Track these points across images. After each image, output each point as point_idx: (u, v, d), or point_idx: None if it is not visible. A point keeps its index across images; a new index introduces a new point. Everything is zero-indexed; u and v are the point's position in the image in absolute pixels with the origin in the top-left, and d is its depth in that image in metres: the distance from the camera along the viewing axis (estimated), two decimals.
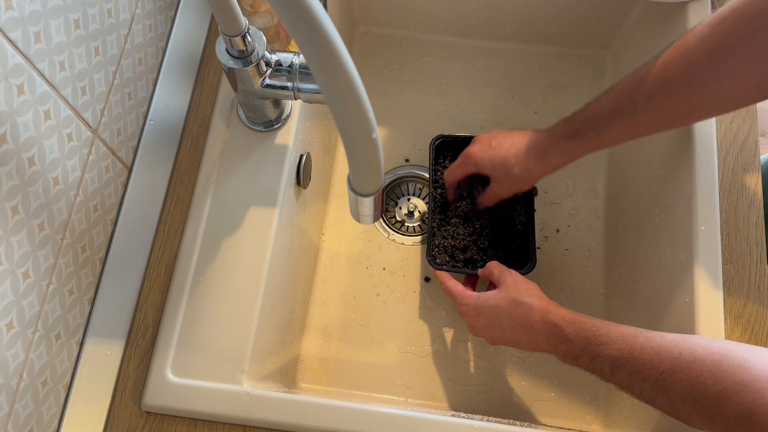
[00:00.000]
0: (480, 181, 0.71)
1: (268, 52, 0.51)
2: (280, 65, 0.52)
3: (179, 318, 0.55)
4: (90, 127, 0.52)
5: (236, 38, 0.47)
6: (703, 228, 0.58)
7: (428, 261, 0.70)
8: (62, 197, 0.49)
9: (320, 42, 0.28)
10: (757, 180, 0.62)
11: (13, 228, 0.43)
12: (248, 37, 0.47)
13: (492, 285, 0.64)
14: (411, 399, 0.72)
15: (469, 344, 0.74)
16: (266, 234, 0.57)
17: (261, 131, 0.60)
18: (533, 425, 0.59)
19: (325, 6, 0.66)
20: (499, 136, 0.65)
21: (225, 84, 0.63)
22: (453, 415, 0.55)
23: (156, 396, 0.53)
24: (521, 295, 0.57)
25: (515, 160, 0.62)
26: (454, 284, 0.65)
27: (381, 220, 0.81)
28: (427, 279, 0.77)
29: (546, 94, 0.86)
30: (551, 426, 0.69)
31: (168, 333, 0.54)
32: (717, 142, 0.62)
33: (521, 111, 0.85)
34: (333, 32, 0.28)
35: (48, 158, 0.46)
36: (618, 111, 0.54)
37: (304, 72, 0.51)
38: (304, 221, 0.69)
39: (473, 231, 0.72)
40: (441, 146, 0.75)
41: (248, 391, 0.52)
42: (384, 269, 0.78)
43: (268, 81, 0.52)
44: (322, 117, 0.75)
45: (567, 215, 0.80)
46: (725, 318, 0.56)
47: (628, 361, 0.47)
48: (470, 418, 0.53)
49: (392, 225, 0.81)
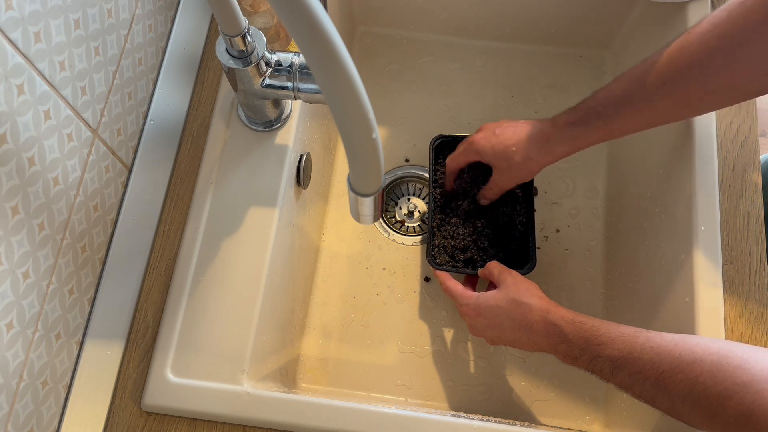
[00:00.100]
0: (482, 177, 0.71)
1: (268, 52, 0.51)
2: (280, 65, 0.52)
3: (179, 318, 0.55)
4: (90, 127, 0.52)
5: (236, 38, 0.47)
6: (703, 228, 0.58)
7: (428, 261, 0.70)
8: (62, 197, 0.49)
9: (320, 42, 0.28)
10: (757, 180, 0.62)
11: (13, 228, 0.43)
12: (248, 37, 0.47)
13: (492, 285, 0.64)
14: (411, 399, 0.72)
15: (469, 344, 0.74)
16: (266, 234, 0.57)
17: (261, 131, 0.60)
18: (533, 425, 0.59)
19: (325, 6, 0.66)
20: (504, 124, 0.64)
21: (225, 84, 0.63)
22: (453, 415, 0.55)
23: (156, 396, 0.53)
24: (521, 295, 0.57)
25: (516, 148, 0.61)
26: (454, 284, 0.65)
27: (381, 220, 0.81)
28: (427, 279, 0.77)
29: (546, 94, 0.86)
30: (551, 426, 0.69)
31: (168, 333, 0.54)
32: (717, 142, 0.62)
33: (521, 111, 0.85)
34: (333, 32, 0.28)
35: (48, 158, 0.46)
36: (628, 97, 0.53)
37: (304, 72, 0.51)
38: (304, 221, 0.69)
39: (473, 231, 0.72)
40: (441, 146, 0.75)
41: (248, 391, 0.52)
42: (384, 269, 0.78)
43: (268, 81, 0.52)
44: (322, 117, 0.75)
45: (567, 215, 0.80)
46: (725, 318, 0.56)
47: (628, 361, 0.47)
48: (470, 418, 0.53)
49: (392, 225, 0.81)
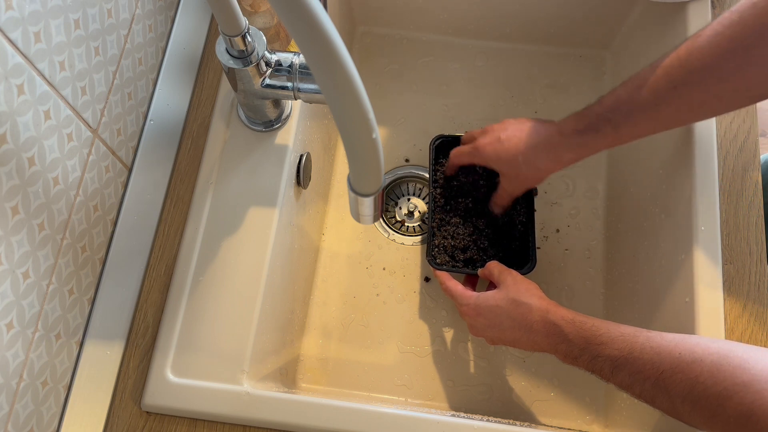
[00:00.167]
0: (482, 179, 0.71)
1: (268, 52, 0.51)
2: (280, 65, 0.52)
3: (179, 318, 0.55)
4: (90, 127, 0.52)
5: (236, 38, 0.47)
6: (703, 228, 0.58)
7: (428, 261, 0.70)
8: (62, 197, 0.49)
9: (320, 42, 0.28)
10: (757, 180, 0.62)
11: (13, 228, 0.43)
12: (248, 37, 0.47)
13: (492, 285, 0.64)
14: (411, 399, 0.72)
15: (469, 344, 0.74)
16: (266, 234, 0.57)
17: (261, 131, 0.60)
18: (533, 425, 0.59)
19: (325, 6, 0.66)
20: (510, 129, 0.63)
21: (225, 84, 0.63)
22: (453, 415, 0.55)
23: (156, 396, 0.53)
24: (521, 295, 0.57)
25: (523, 157, 0.61)
26: (454, 284, 0.65)
27: (381, 220, 0.81)
28: (427, 279, 0.77)
29: (546, 94, 0.86)
30: (551, 426, 0.69)
31: (168, 333, 0.54)
32: (717, 142, 0.62)
33: (521, 111, 0.85)
34: (333, 32, 0.28)
35: (48, 158, 0.46)
36: (638, 102, 0.52)
37: (304, 72, 0.51)
38: (304, 221, 0.69)
39: (473, 231, 0.72)
40: (441, 146, 0.75)
41: (248, 391, 0.52)
42: (384, 269, 0.78)
43: (268, 81, 0.52)
44: (322, 117, 0.75)
45: (567, 215, 0.80)
46: (725, 318, 0.56)
47: (628, 361, 0.47)
48: (470, 418, 0.53)
49: (392, 225, 0.81)
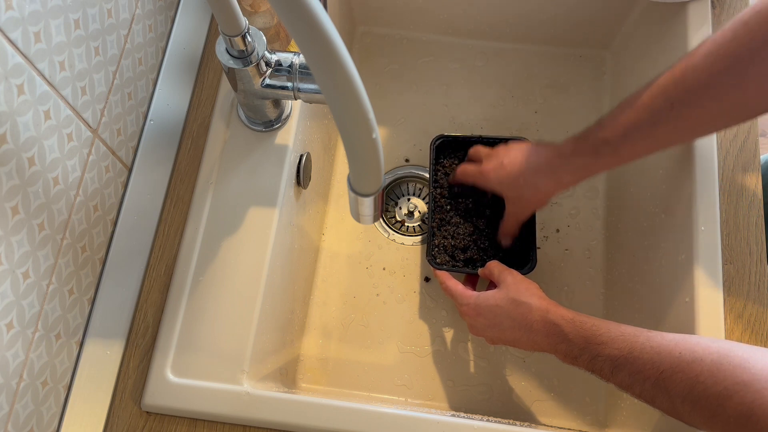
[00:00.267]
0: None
1: (268, 52, 0.51)
2: (280, 65, 0.52)
3: (179, 318, 0.55)
4: (90, 127, 0.52)
5: (236, 38, 0.47)
6: (703, 228, 0.58)
7: (428, 261, 0.70)
8: (62, 197, 0.49)
9: (320, 42, 0.28)
10: (757, 180, 0.62)
11: (13, 228, 0.43)
12: (248, 37, 0.47)
13: (492, 285, 0.64)
14: (411, 399, 0.72)
15: (469, 344, 0.74)
16: (266, 234, 0.57)
17: (261, 131, 0.60)
18: (533, 425, 0.59)
19: (325, 6, 0.66)
20: (512, 153, 0.64)
21: (225, 84, 0.63)
22: (453, 415, 0.55)
23: (156, 396, 0.53)
24: (521, 295, 0.57)
25: (524, 179, 0.62)
26: (454, 284, 0.65)
27: (381, 220, 0.81)
28: (427, 279, 0.77)
29: (546, 94, 0.86)
30: (551, 426, 0.69)
31: (168, 333, 0.54)
32: (717, 142, 0.62)
33: (521, 111, 0.85)
34: (333, 32, 0.28)
35: (48, 158, 0.46)
36: (635, 124, 0.52)
37: (304, 72, 0.51)
38: (304, 221, 0.69)
39: (473, 231, 0.72)
40: (441, 146, 0.75)
41: (248, 391, 0.52)
42: (384, 269, 0.78)
43: (268, 81, 0.52)
44: (322, 117, 0.75)
45: (567, 215, 0.80)
46: (725, 318, 0.56)
47: (628, 361, 0.47)
48: (470, 418, 0.53)
49: (392, 225, 0.81)
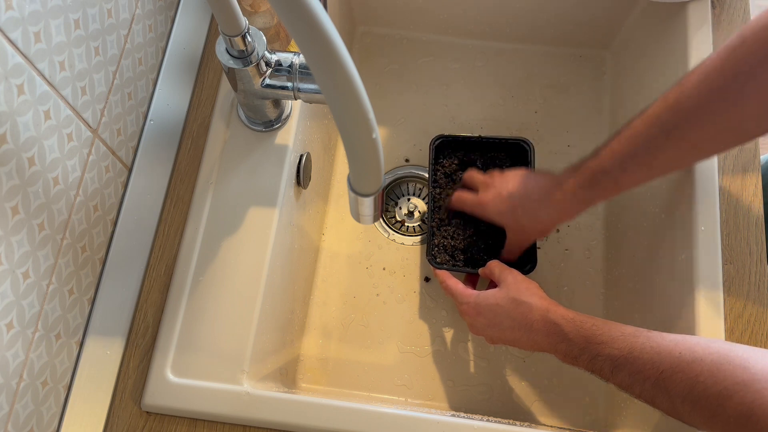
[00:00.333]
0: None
1: (268, 52, 0.51)
2: (280, 65, 0.52)
3: (179, 318, 0.55)
4: (90, 127, 0.52)
5: (236, 38, 0.47)
6: (703, 228, 0.58)
7: (428, 260, 0.70)
8: (62, 197, 0.49)
9: (320, 42, 0.28)
10: (757, 180, 0.62)
11: (13, 228, 0.43)
12: (248, 37, 0.47)
13: (492, 284, 0.64)
14: (411, 399, 0.72)
15: (469, 344, 0.74)
16: (266, 234, 0.57)
17: (261, 131, 0.60)
18: (533, 425, 0.59)
19: (325, 6, 0.66)
20: (511, 183, 0.63)
21: (225, 84, 0.63)
22: (453, 415, 0.55)
23: (156, 396, 0.53)
24: (521, 294, 0.57)
25: (523, 210, 0.62)
26: (455, 283, 0.65)
27: (381, 220, 0.81)
28: (427, 279, 0.77)
29: (546, 94, 0.86)
30: (551, 426, 0.69)
31: (168, 333, 0.54)
32: None
33: (521, 111, 0.85)
34: (333, 32, 0.28)
35: (48, 158, 0.46)
36: (633, 153, 0.52)
37: (304, 72, 0.51)
38: (304, 221, 0.69)
39: (473, 231, 0.72)
40: (441, 146, 0.75)
41: (248, 391, 0.52)
42: (384, 269, 0.78)
43: (268, 81, 0.52)
44: (322, 117, 0.75)
45: None
46: (725, 318, 0.56)
47: (628, 361, 0.47)
48: (470, 418, 0.53)
49: (392, 225, 0.81)
